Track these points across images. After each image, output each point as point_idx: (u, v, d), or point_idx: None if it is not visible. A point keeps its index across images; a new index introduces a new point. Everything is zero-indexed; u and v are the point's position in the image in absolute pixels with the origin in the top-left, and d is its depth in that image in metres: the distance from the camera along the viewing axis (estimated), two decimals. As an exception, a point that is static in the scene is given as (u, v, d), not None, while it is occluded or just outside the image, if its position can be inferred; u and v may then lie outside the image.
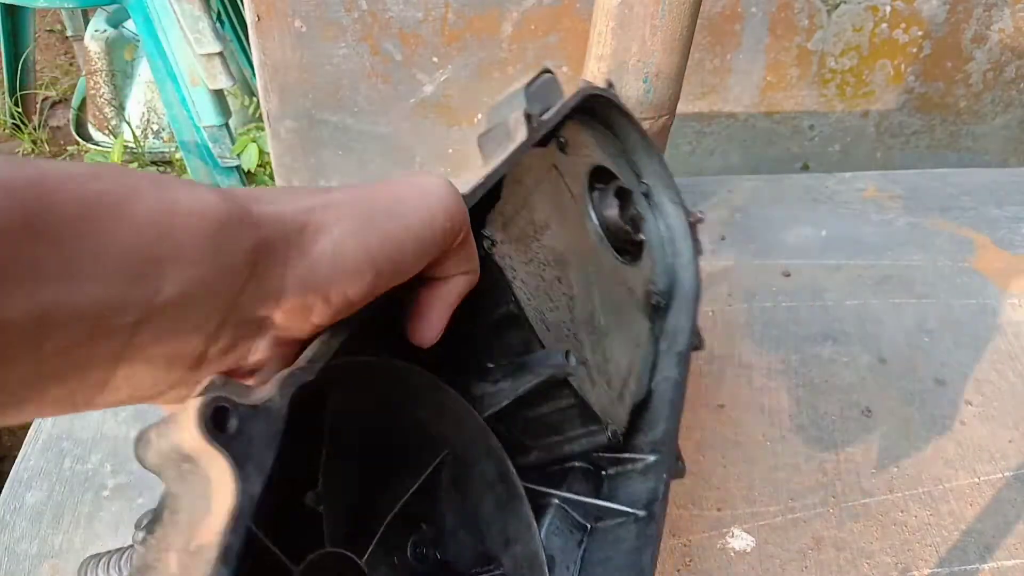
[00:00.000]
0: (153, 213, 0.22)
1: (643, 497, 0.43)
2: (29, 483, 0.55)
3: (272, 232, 0.25)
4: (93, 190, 0.21)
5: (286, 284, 0.25)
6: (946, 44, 1.14)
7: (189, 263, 0.23)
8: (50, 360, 0.21)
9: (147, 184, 0.23)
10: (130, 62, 2.01)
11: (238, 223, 0.24)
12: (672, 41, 0.59)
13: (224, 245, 0.23)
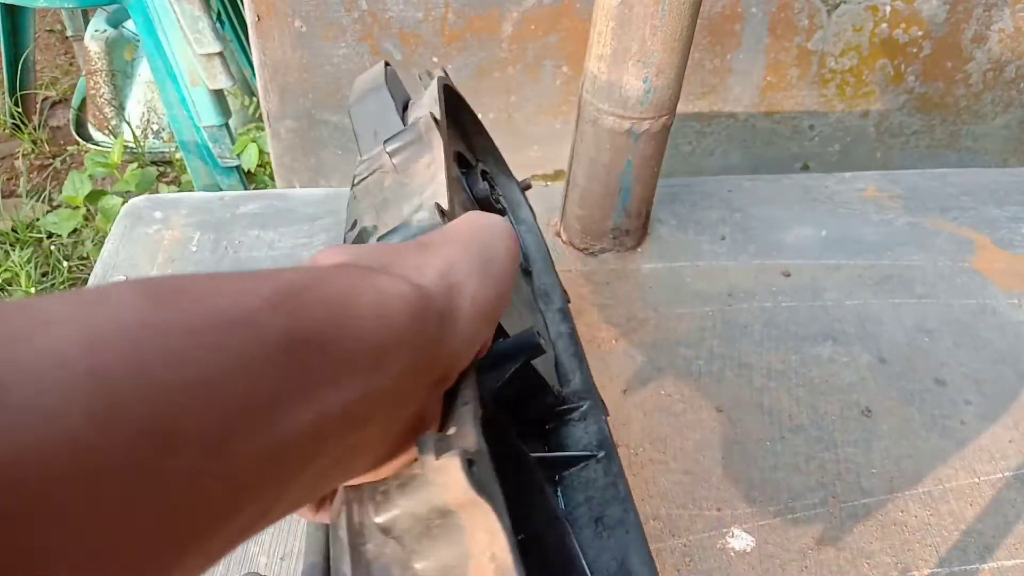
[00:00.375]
0: (374, 306, 0.24)
1: (594, 440, 0.48)
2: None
3: (441, 302, 0.27)
4: (330, 291, 0.23)
5: (456, 344, 0.28)
6: (946, 44, 1.14)
7: (408, 346, 0.25)
8: (324, 471, 0.23)
9: (357, 277, 0.25)
10: (130, 62, 2.01)
11: (425, 301, 0.26)
12: (672, 41, 0.59)
13: (422, 324, 0.26)
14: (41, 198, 1.99)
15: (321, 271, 0.25)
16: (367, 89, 0.50)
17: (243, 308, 0.21)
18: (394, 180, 0.43)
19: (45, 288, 1.72)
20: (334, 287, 0.24)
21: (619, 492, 0.46)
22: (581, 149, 0.68)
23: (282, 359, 0.21)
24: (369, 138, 0.48)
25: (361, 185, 0.45)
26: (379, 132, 0.47)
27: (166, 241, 0.72)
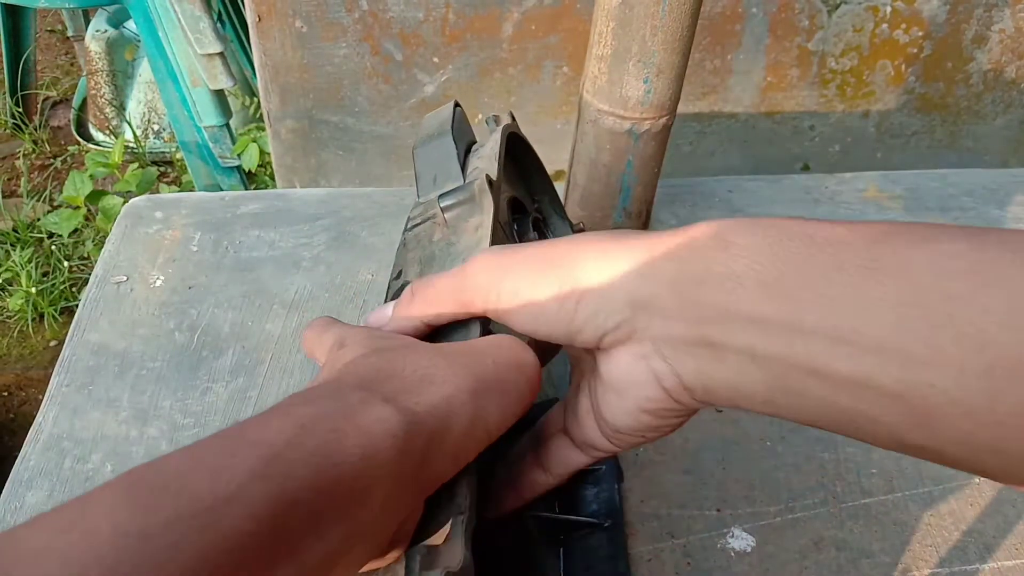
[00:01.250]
0: (359, 448, 0.25)
1: (603, 507, 0.48)
2: (30, 483, 0.55)
3: (432, 425, 0.27)
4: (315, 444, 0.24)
5: (443, 465, 0.28)
6: (947, 44, 1.14)
7: (392, 477, 0.25)
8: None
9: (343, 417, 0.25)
10: (131, 62, 2.01)
11: (414, 429, 0.26)
12: (673, 41, 0.59)
13: (408, 455, 0.26)
14: (42, 198, 1.99)
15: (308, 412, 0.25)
16: (433, 134, 0.50)
17: (227, 484, 0.21)
18: (443, 235, 0.44)
19: (45, 288, 1.73)
20: (318, 437, 0.24)
21: (618, 568, 0.47)
22: (581, 149, 0.68)
23: (268, 527, 0.21)
24: (428, 183, 0.48)
25: (412, 232, 0.46)
26: (438, 178, 0.48)
27: (167, 241, 0.72)
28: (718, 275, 0.26)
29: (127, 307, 0.67)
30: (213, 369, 0.62)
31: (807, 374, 0.25)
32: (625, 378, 0.30)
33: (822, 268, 0.24)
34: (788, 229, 0.26)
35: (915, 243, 0.23)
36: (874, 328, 0.23)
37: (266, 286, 0.68)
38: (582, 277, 0.29)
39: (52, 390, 0.61)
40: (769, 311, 0.25)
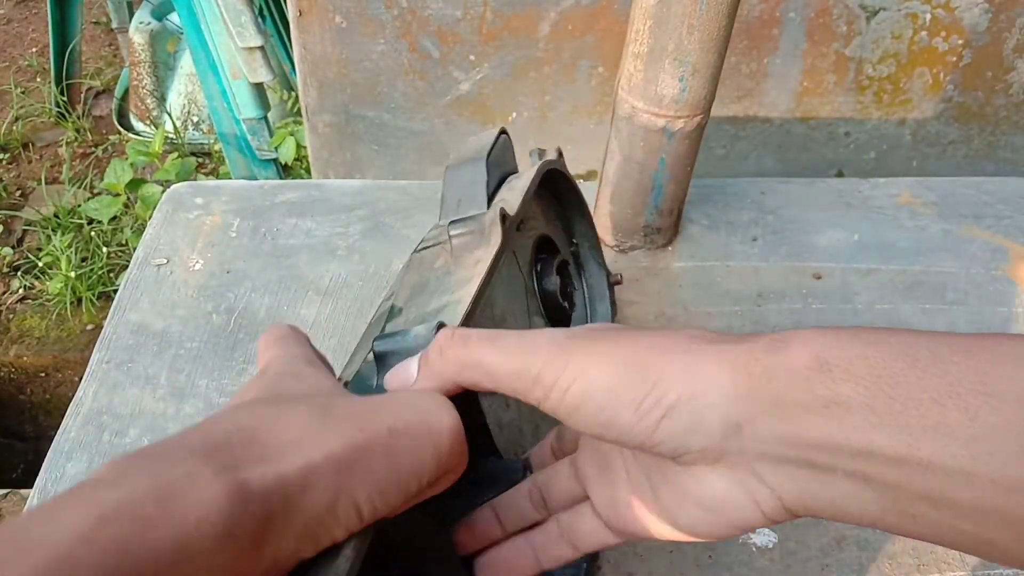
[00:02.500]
0: (170, 539, 0.22)
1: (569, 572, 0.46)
2: (70, 454, 0.57)
3: (274, 504, 0.24)
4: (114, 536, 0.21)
5: (290, 545, 0.25)
6: (987, 53, 1.13)
7: (214, 569, 0.23)
8: None
9: (155, 504, 0.22)
10: (173, 54, 2.05)
11: (243, 507, 0.23)
12: (709, 41, 0.59)
13: (234, 537, 0.23)
14: (83, 185, 2.03)
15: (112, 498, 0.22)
16: (468, 157, 0.49)
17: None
18: (445, 262, 0.43)
19: (84, 272, 1.76)
20: (121, 528, 0.21)
21: None
22: (615, 146, 0.69)
23: None
24: (452, 206, 0.47)
25: (420, 254, 0.45)
26: (463, 203, 0.47)
27: (206, 226, 0.74)
28: (823, 399, 0.25)
29: (167, 289, 0.68)
30: (249, 351, 0.64)
31: (924, 501, 0.24)
32: (719, 499, 0.28)
33: (933, 393, 0.24)
34: (890, 346, 0.25)
35: (1018, 361, 0.23)
36: (993, 458, 0.22)
37: (302, 273, 0.70)
38: (671, 389, 0.27)
39: (92, 366, 0.63)
40: (881, 441, 0.24)
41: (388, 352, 0.36)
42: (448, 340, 0.32)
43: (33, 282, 1.81)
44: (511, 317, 0.48)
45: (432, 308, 0.40)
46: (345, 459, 0.26)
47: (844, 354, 0.25)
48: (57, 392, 1.71)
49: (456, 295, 0.40)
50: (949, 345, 0.24)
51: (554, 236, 0.56)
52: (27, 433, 1.73)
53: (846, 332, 0.26)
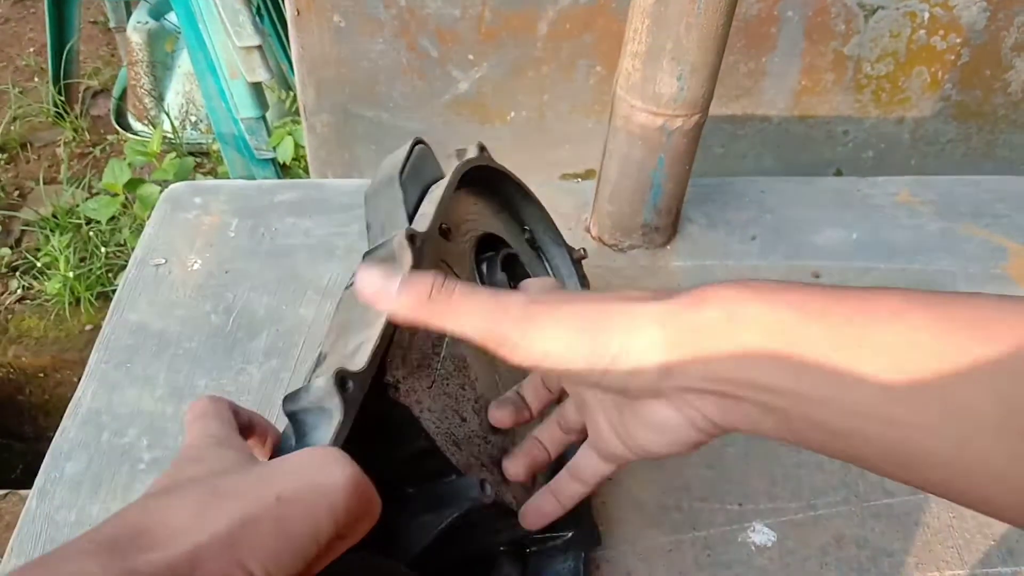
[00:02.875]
0: None
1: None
2: (69, 454, 0.57)
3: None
4: None
5: None
6: (985, 52, 1.13)
7: None
8: None
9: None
10: (170, 54, 2.05)
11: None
12: (707, 40, 0.59)
13: None
14: (81, 185, 2.03)
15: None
16: (382, 180, 0.49)
17: None
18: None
19: (83, 273, 1.76)
20: None
21: None
22: (613, 145, 0.69)
23: None
24: (378, 232, 0.47)
25: (349, 290, 0.44)
26: (387, 227, 0.47)
27: (205, 226, 0.74)
28: (731, 348, 0.31)
29: (165, 289, 0.68)
30: (248, 351, 0.64)
31: (807, 424, 0.30)
32: (663, 423, 0.35)
33: (815, 343, 0.29)
34: (785, 302, 0.31)
35: (887, 320, 0.28)
36: (859, 394, 0.28)
37: (300, 272, 0.70)
38: (614, 341, 0.33)
39: (91, 366, 0.63)
40: (775, 380, 0.30)
41: (295, 411, 0.36)
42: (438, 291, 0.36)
43: (31, 282, 1.81)
44: None
45: (350, 349, 0.40)
46: (232, 535, 0.27)
47: (747, 309, 0.31)
48: (56, 392, 1.71)
49: (370, 331, 0.39)
50: (837, 300, 0.30)
51: (501, 230, 0.56)
52: (26, 433, 1.73)
53: (750, 289, 0.31)
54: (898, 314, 0.28)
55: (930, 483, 0.28)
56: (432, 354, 0.45)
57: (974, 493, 0.27)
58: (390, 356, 0.42)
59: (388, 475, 0.43)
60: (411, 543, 0.41)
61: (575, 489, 0.43)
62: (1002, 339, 0.26)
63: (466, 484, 0.41)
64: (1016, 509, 0.27)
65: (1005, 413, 0.25)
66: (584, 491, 0.43)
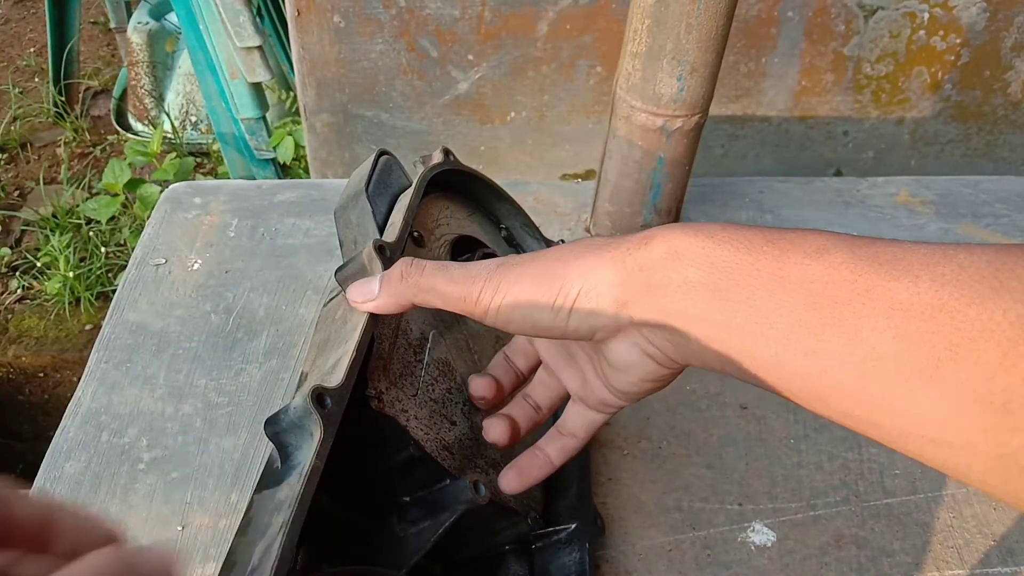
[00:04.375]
0: None
1: (573, 569, 0.47)
2: (68, 454, 0.57)
3: None
4: None
5: None
6: (985, 52, 1.13)
7: None
8: None
9: None
10: (171, 54, 2.05)
11: None
12: (707, 40, 0.59)
13: None
14: (81, 185, 2.03)
15: None
16: (350, 194, 0.49)
17: None
18: (344, 311, 0.43)
19: (82, 273, 1.76)
20: None
21: None
22: (613, 146, 0.69)
23: None
24: (350, 247, 0.48)
25: (327, 307, 0.45)
26: (359, 241, 0.47)
27: (205, 226, 0.74)
28: (676, 282, 0.33)
29: (165, 289, 0.68)
30: (247, 351, 0.64)
31: (743, 358, 0.32)
32: (626, 360, 0.37)
33: (745, 276, 0.31)
34: (723, 240, 0.32)
35: (812, 255, 0.30)
36: (781, 326, 0.30)
37: (300, 272, 0.70)
38: (573, 288, 0.36)
39: (91, 366, 0.63)
40: (713, 312, 0.32)
41: (277, 433, 0.37)
42: (408, 268, 0.40)
43: (31, 282, 1.81)
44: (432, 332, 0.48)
45: (329, 366, 0.40)
46: None
47: (690, 246, 0.33)
48: (56, 392, 1.71)
49: (346, 345, 0.40)
50: (765, 238, 0.32)
51: (476, 231, 0.56)
52: (26, 433, 1.73)
53: (694, 228, 0.34)
54: (822, 251, 0.30)
55: (844, 416, 0.30)
56: (415, 362, 0.46)
57: (881, 427, 0.28)
58: (371, 368, 0.42)
59: (381, 486, 0.43)
60: (409, 552, 0.41)
61: (567, 443, 0.44)
62: (907, 277, 0.27)
63: (459, 488, 0.42)
64: (913, 443, 0.28)
65: (903, 348, 0.26)
66: (577, 444, 0.44)
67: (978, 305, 0.25)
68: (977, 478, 0.26)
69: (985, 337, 0.24)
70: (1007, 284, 0.25)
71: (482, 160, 1.17)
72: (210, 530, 0.53)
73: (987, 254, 0.26)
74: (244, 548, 0.34)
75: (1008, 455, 0.24)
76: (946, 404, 0.26)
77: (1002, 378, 0.24)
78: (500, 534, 0.48)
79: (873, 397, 0.28)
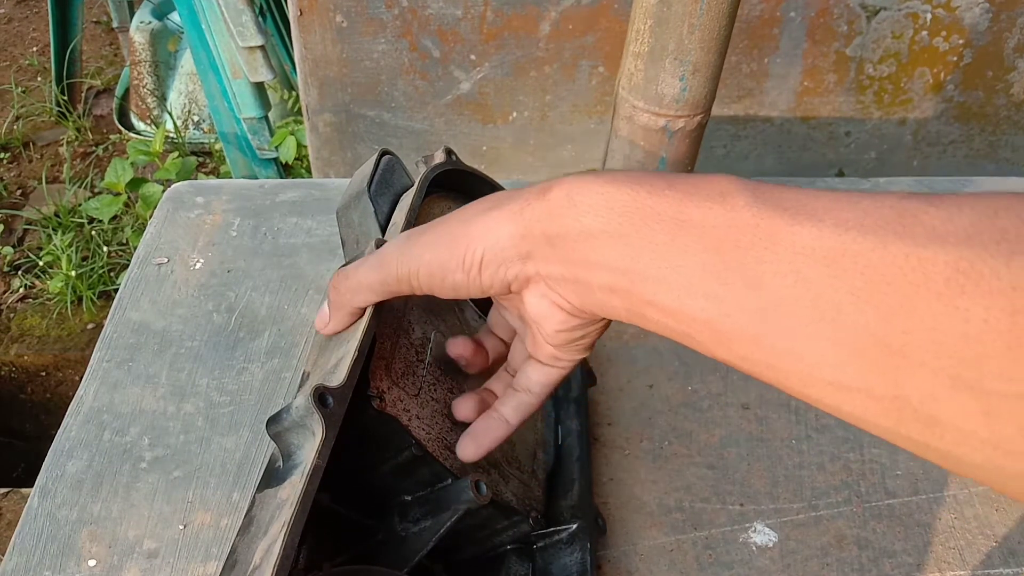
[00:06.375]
0: None
1: (574, 569, 0.47)
2: (70, 452, 0.57)
3: None
4: None
5: None
6: (987, 53, 1.13)
7: None
8: None
9: None
10: (173, 53, 2.05)
11: None
12: (710, 40, 0.60)
13: None
14: (83, 184, 2.03)
15: None
16: (352, 194, 0.50)
17: None
18: None
19: (85, 272, 1.76)
20: None
21: None
22: (615, 146, 0.69)
23: None
24: (352, 247, 0.48)
25: None
26: (360, 241, 0.47)
27: (207, 225, 0.74)
28: (575, 231, 0.33)
29: (167, 288, 0.69)
30: (249, 350, 0.64)
31: (646, 304, 0.31)
32: (538, 311, 0.37)
33: (646, 221, 0.31)
34: (621, 184, 0.32)
35: (715, 198, 0.29)
36: (684, 271, 0.30)
37: (302, 271, 0.70)
38: (477, 248, 0.36)
39: (93, 365, 0.63)
40: (614, 258, 0.32)
41: (279, 432, 0.37)
42: (336, 280, 0.41)
43: (34, 281, 1.81)
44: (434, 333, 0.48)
45: (331, 365, 0.40)
46: None
47: (588, 192, 0.32)
48: (58, 391, 1.71)
49: (348, 345, 0.40)
50: (668, 182, 0.31)
51: None
52: (28, 432, 1.73)
53: (593, 174, 0.33)
54: (725, 195, 0.29)
55: (746, 360, 0.29)
56: (416, 361, 0.46)
57: (781, 371, 0.28)
58: (373, 368, 0.42)
59: (383, 485, 0.43)
60: (411, 551, 0.41)
61: (522, 399, 0.43)
62: (810, 222, 0.27)
63: (460, 487, 0.42)
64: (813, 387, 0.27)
65: (804, 293, 0.26)
66: (533, 401, 0.43)
67: (880, 250, 0.25)
68: (872, 421, 0.26)
69: (887, 282, 0.24)
70: (911, 229, 0.25)
71: (484, 160, 1.17)
72: (212, 529, 0.53)
73: (891, 200, 0.26)
74: (246, 547, 0.34)
75: (902, 397, 0.25)
76: (846, 348, 0.26)
77: (901, 321, 0.24)
78: (501, 534, 0.48)
79: (774, 341, 0.28)
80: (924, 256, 0.24)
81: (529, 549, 0.49)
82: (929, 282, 0.24)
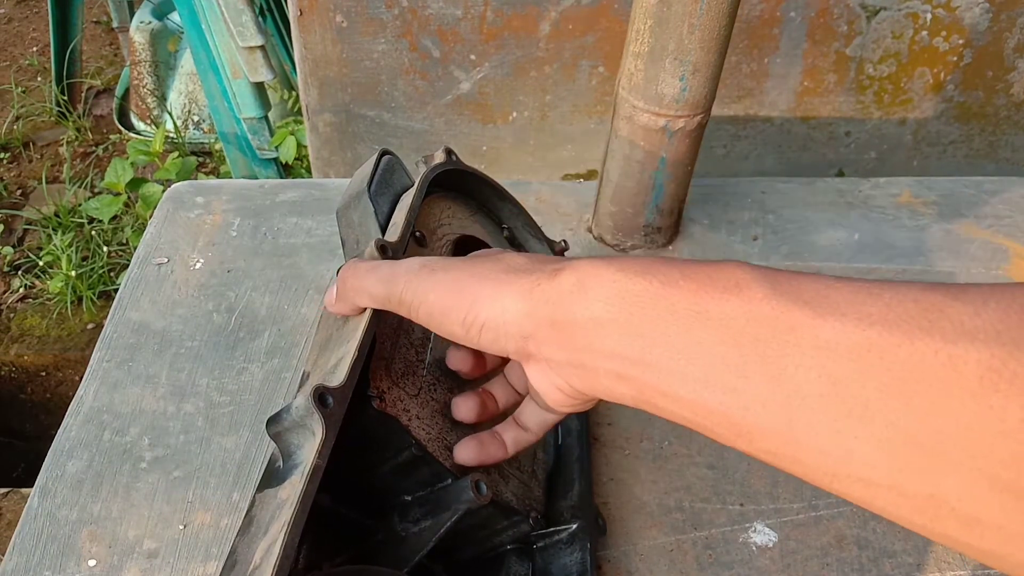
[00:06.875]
0: None
1: (574, 569, 0.47)
2: (70, 452, 0.57)
3: None
4: None
5: None
6: (988, 53, 1.13)
7: None
8: None
9: None
10: (173, 53, 2.05)
11: None
12: (710, 40, 0.59)
13: None
14: (84, 184, 2.03)
15: None
16: (352, 194, 0.50)
17: None
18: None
19: (85, 272, 1.76)
20: None
21: None
22: (615, 146, 0.69)
23: None
24: (352, 246, 0.48)
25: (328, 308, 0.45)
26: (360, 241, 0.47)
27: (207, 225, 0.74)
28: (583, 318, 0.32)
29: (167, 288, 0.69)
30: (249, 350, 0.64)
31: (659, 395, 0.31)
32: (536, 386, 0.38)
33: (660, 312, 0.30)
34: (633, 273, 0.32)
35: (731, 290, 0.29)
36: (700, 363, 0.29)
37: (302, 271, 0.70)
38: (481, 312, 0.35)
39: (93, 365, 0.63)
40: (624, 348, 0.31)
41: (279, 432, 0.37)
42: (346, 272, 0.41)
43: (34, 281, 1.81)
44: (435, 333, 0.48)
45: (331, 365, 0.40)
46: None
47: (599, 279, 0.32)
48: (58, 391, 1.71)
49: (348, 345, 0.40)
50: (681, 272, 0.31)
51: (479, 231, 0.56)
52: (28, 432, 1.73)
53: (604, 261, 0.33)
54: (741, 286, 0.29)
55: (768, 454, 0.29)
56: (416, 362, 0.46)
57: (807, 466, 0.28)
58: (373, 368, 0.42)
59: (383, 485, 0.43)
60: (411, 551, 0.41)
61: (520, 435, 0.44)
62: (833, 316, 0.26)
63: (460, 487, 0.42)
64: (840, 482, 0.27)
65: (829, 388, 0.26)
66: (530, 439, 0.44)
67: (908, 346, 0.24)
68: (906, 518, 0.26)
69: (916, 379, 0.24)
70: (937, 324, 0.24)
71: (484, 160, 1.17)
72: (212, 529, 0.53)
73: (913, 292, 0.26)
74: (246, 547, 0.34)
75: (938, 496, 0.24)
76: (875, 445, 0.25)
77: (934, 420, 0.24)
78: (501, 534, 0.48)
79: (799, 436, 0.27)
80: (955, 353, 0.23)
81: (529, 549, 0.49)
82: (962, 380, 0.23)
